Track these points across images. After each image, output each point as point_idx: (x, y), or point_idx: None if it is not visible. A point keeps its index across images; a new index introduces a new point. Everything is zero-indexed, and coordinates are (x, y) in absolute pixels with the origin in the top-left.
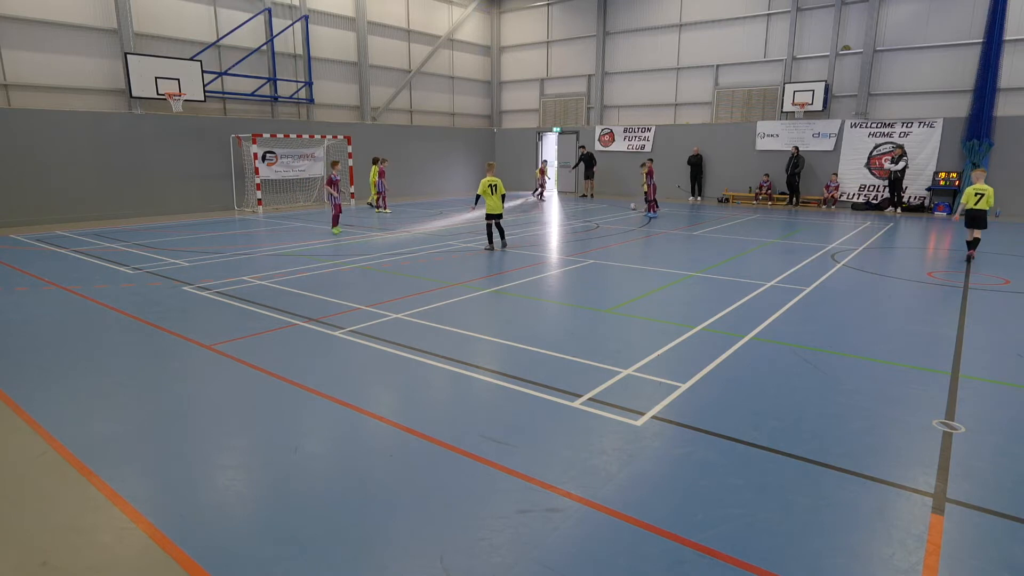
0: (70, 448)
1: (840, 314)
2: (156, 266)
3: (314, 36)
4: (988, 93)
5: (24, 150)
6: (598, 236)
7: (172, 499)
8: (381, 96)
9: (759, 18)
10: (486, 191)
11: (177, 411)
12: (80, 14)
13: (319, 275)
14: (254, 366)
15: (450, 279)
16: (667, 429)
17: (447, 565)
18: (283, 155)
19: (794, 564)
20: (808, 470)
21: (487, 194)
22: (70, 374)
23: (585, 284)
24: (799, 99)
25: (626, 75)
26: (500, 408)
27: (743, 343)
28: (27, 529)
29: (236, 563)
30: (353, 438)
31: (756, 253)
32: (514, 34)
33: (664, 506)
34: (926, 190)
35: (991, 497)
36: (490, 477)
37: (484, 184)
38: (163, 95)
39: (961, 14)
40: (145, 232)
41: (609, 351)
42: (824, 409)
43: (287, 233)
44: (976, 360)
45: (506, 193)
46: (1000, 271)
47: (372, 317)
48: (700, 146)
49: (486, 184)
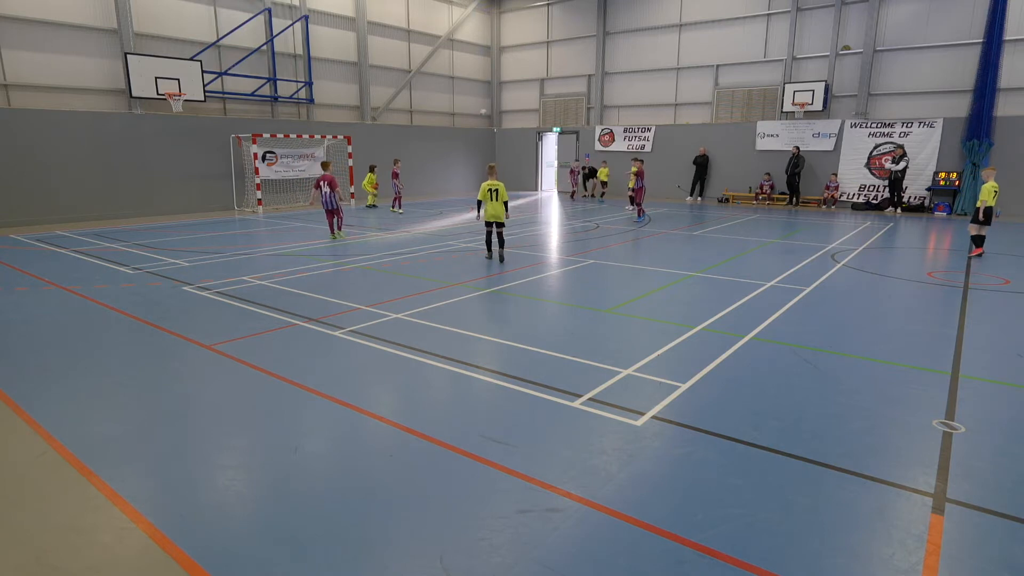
0: (70, 448)
1: (840, 314)
2: (156, 266)
3: (314, 36)
4: (988, 93)
5: (24, 150)
6: (598, 236)
7: (172, 499)
8: (381, 96)
9: (759, 18)
10: (486, 196)
11: (177, 411)
12: (80, 14)
13: (319, 275)
14: (254, 366)
15: (450, 279)
16: (667, 429)
17: (447, 565)
18: (283, 155)
19: (794, 564)
20: (808, 470)
21: (487, 199)
22: (70, 374)
23: (585, 284)
24: (799, 99)
25: (626, 75)
26: (500, 408)
27: (743, 343)
28: (27, 529)
29: (236, 563)
30: (353, 438)
31: (756, 253)
32: (514, 34)
33: (664, 506)
34: (926, 190)
35: (991, 497)
36: (490, 477)
37: (484, 188)
38: (163, 95)
39: (961, 14)
40: (145, 232)
41: (609, 351)
42: (824, 409)
43: (287, 233)
44: (976, 360)
45: (508, 200)
46: (1000, 271)
47: (372, 317)
48: (701, 146)
49: (486, 188)
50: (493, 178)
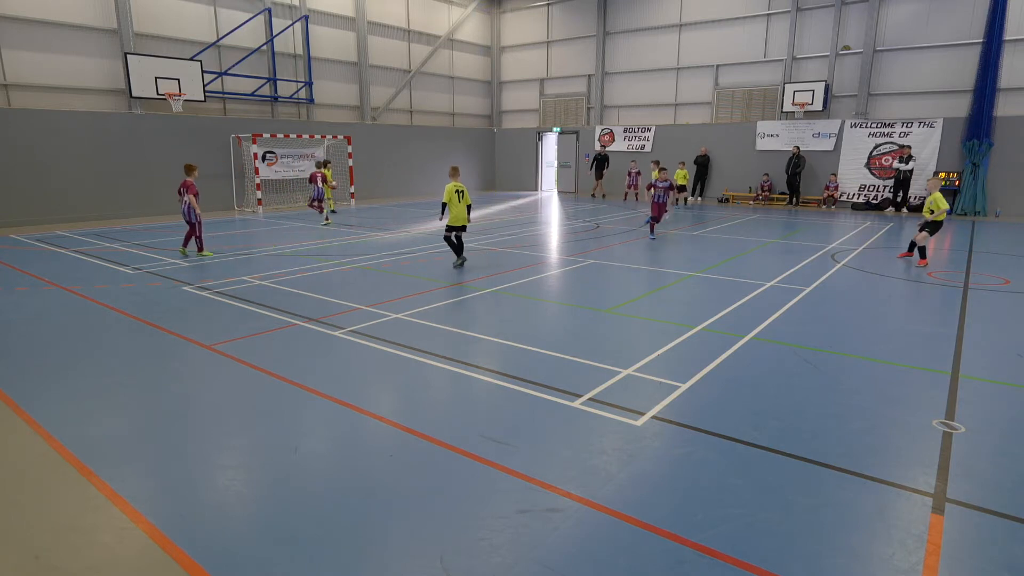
0: (70, 448)
1: (840, 314)
2: (156, 266)
3: (314, 36)
4: (988, 93)
5: (24, 150)
6: (598, 236)
7: (172, 499)
8: (381, 96)
9: (759, 18)
10: (452, 198)
11: (177, 411)
12: (80, 14)
13: (319, 275)
14: (254, 366)
15: (450, 279)
16: (667, 429)
17: (447, 565)
18: (283, 155)
19: (794, 564)
20: (808, 470)
21: (453, 202)
22: (70, 374)
23: (585, 284)
24: (799, 99)
25: (626, 75)
26: (500, 408)
27: (743, 343)
28: (27, 529)
29: (236, 563)
30: (353, 438)
31: (756, 253)
32: (514, 34)
33: (664, 506)
34: (926, 190)
35: (991, 497)
36: (490, 477)
37: (451, 190)
38: (163, 95)
39: (961, 14)
40: (145, 232)
41: (609, 351)
42: (824, 409)
43: (287, 233)
44: (976, 360)
45: (472, 203)
46: (1000, 271)
47: (372, 317)
48: (701, 146)
49: (453, 190)
50: (457, 180)
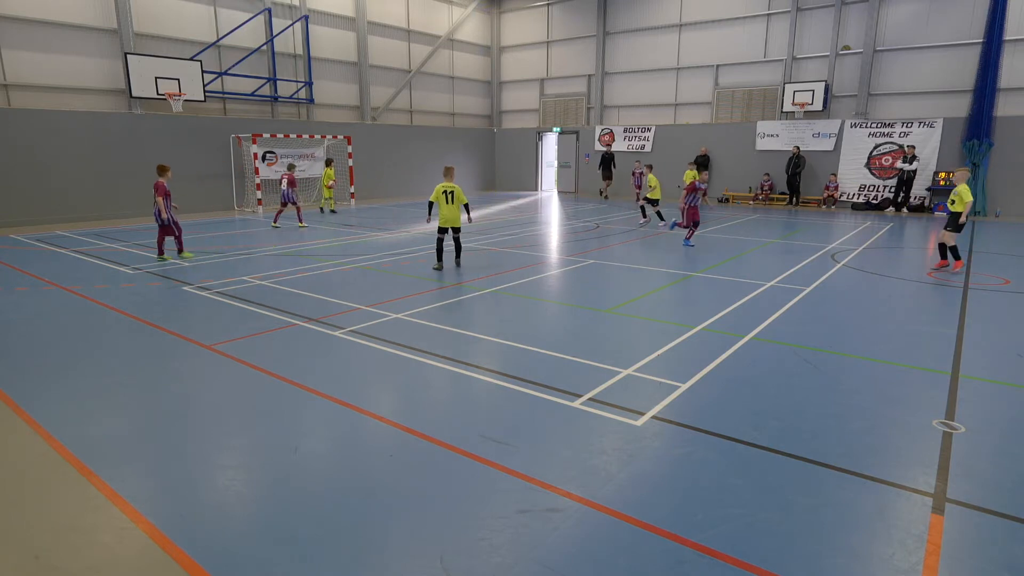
0: (70, 448)
1: (840, 314)
2: (156, 266)
3: (314, 36)
4: (988, 93)
5: (24, 150)
6: (598, 236)
7: (172, 499)
8: (381, 96)
9: (759, 18)
10: (440, 198)
11: (177, 411)
12: (80, 14)
13: (319, 275)
14: (254, 366)
15: (450, 279)
16: (667, 429)
17: (447, 565)
18: (283, 155)
19: (794, 564)
20: (808, 470)
21: (442, 203)
22: (70, 374)
23: (585, 284)
24: (799, 99)
25: (626, 75)
26: (500, 408)
27: (743, 343)
28: (27, 529)
29: (236, 563)
30: (353, 438)
31: (756, 253)
32: (514, 34)
33: (664, 506)
34: (926, 190)
35: (991, 497)
36: (490, 477)
37: (439, 190)
38: (163, 95)
39: (961, 14)
40: (145, 232)
41: (609, 351)
42: (824, 409)
43: (287, 233)
44: (976, 360)
45: (468, 202)
46: (1000, 271)
47: (372, 317)
48: (701, 146)
49: (441, 190)
50: (450, 180)
